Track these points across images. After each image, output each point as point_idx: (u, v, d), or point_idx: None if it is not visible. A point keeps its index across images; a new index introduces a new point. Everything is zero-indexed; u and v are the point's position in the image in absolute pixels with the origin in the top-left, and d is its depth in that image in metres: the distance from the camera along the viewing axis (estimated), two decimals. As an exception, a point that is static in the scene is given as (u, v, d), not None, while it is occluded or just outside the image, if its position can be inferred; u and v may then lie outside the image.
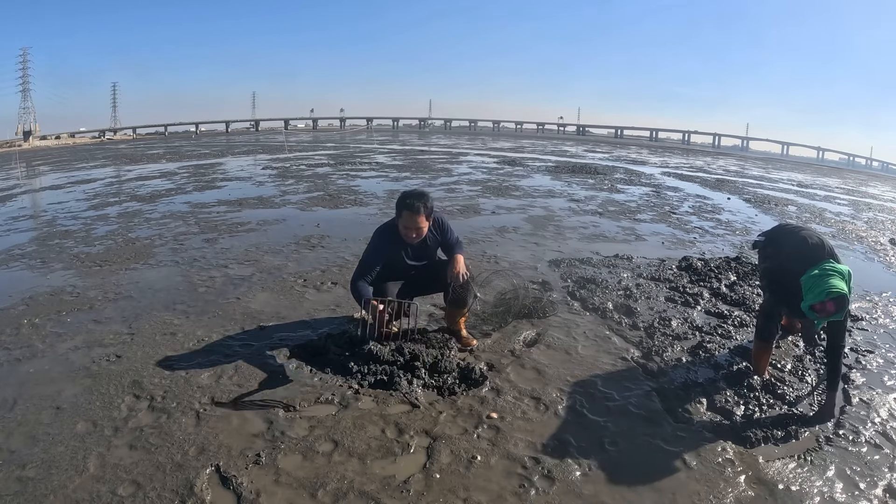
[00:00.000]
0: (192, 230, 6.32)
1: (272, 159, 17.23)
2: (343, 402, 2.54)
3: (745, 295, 4.15)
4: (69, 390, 2.63)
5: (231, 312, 3.65)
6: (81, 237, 6.08)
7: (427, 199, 2.90)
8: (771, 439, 2.35)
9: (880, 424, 2.53)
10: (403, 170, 13.74)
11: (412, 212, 2.84)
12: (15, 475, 2.01)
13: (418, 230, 2.89)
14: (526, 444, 2.26)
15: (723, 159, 28.55)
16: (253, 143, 30.37)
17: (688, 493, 2.00)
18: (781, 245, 2.85)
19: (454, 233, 3.12)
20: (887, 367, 3.13)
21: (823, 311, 2.39)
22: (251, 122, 62.11)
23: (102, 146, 35.60)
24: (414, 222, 2.86)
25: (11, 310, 3.75)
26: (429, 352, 2.92)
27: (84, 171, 15.11)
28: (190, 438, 2.24)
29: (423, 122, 67.29)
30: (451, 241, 3.08)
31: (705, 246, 6.06)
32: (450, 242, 3.09)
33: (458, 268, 2.95)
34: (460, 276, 2.94)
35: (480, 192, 9.83)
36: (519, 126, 66.24)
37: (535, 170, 14.64)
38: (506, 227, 6.68)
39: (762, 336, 2.83)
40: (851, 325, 3.74)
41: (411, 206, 2.84)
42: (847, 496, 2.03)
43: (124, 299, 3.94)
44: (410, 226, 2.87)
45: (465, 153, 21.20)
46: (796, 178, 18.77)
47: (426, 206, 2.87)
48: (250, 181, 11.27)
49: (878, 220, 9.44)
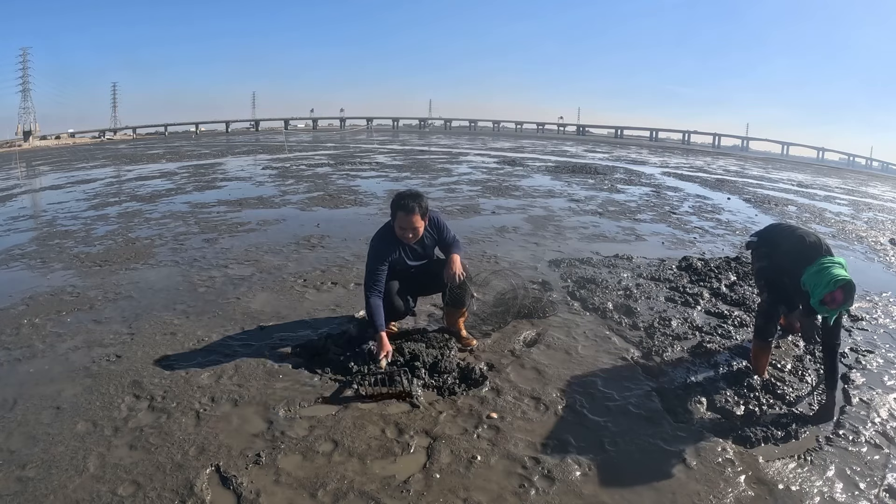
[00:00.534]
0: (193, 230, 6.32)
1: (272, 159, 17.23)
2: (343, 401, 2.54)
3: (745, 295, 4.15)
4: (69, 390, 2.63)
5: (231, 312, 3.65)
6: (81, 237, 6.08)
7: (421, 199, 2.88)
8: (771, 439, 2.35)
9: (880, 424, 2.53)
10: (403, 170, 13.74)
11: (407, 212, 2.83)
12: (15, 475, 2.01)
13: (414, 230, 2.88)
14: (526, 444, 2.26)
15: (723, 159, 28.55)
16: (253, 143, 30.37)
17: (688, 493, 2.00)
18: (778, 244, 2.85)
19: (451, 231, 3.10)
20: (887, 367, 3.13)
21: (834, 302, 2.40)
22: (251, 122, 62.15)
23: (102, 146, 35.60)
24: (409, 222, 2.85)
25: (11, 310, 3.75)
26: (429, 352, 2.92)
27: (84, 171, 15.11)
28: (190, 438, 2.24)
29: (423, 122, 67.31)
30: (448, 240, 3.08)
31: (705, 246, 6.06)
32: (447, 241, 3.08)
33: (453, 268, 2.94)
34: (456, 277, 2.93)
35: (480, 192, 9.83)
36: (519, 126, 66.25)
37: (535, 170, 14.64)
38: (506, 227, 6.68)
39: (761, 336, 2.84)
40: (851, 325, 3.75)
41: (406, 206, 2.83)
42: (847, 496, 2.03)
43: (124, 299, 3.94)
44: (406, 226, 2.87)
45: (465, 153, 21.20)
46: (796, 178, 18.77)
47: (421, 206, 2.85)
48: (250, 181, 11.27)
49: (879, 220, 9.44)
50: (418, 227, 2.89)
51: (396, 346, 2.94)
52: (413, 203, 2.83)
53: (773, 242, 2.89)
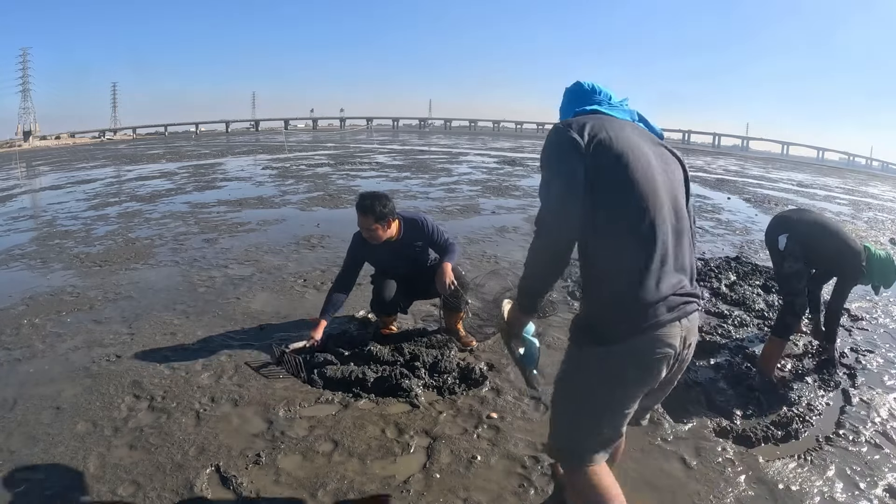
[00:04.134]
0: (192, 230, 6.32)
1: (272, 159, 17.23)
2: (343, 401, 2.54)
3: (745, 295, 4.15)
4: (69, 390, 2.63)
5: (231, 312, 3.65)
6: (81, 237, 6.08)
7: (377, 202, 2.78)
8: (771, 439, 2.35)
9: (880, 424, 2.53)
10: (403, 170, 13.74)
11: (360, 212, 2.80)
12: (15, 475, 2.01)
13: (369, 232, 2.82)
14: (526, 444, 2.26)
15: (723, 159, 28.55)
16: (253, 143, 30.36)
17: (688, 493, 2.00)
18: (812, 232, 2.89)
19: (444, 234, 3.02)
20: (887, 367, 3.13)
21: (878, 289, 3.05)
22: (251, 122, 62.14)
23: (102, 146, 35.59)
24: (364, 223, 2.80)
25: (11, 310, 3.75)
26: (429, 352, 2.92)
27: (84, 171, 15.11)
28: (190, 438, 2.24)
29: (423, 122, 67.27)
30: (441, 244, 3.00)
31: (705, 246, 6.06)
32: (439, 245, 3.00)
33: (443, 278, 2.86)
34: (447, 287, 2.87)
35: (480, 191, 9.83)
36: (519, 126, 66.19)
37: (535, 169, 14.62)
38: (506, 226, 6.68)
39: (786, 335, 2.86)
40: (851, 325, 3.75)
41: (360, 205, 2.80)
42: (847, 496, 2.03)
43: (124, 299, 3.94)
44: (363, 226, 2.83)
45: (465, 153, 21.19)
46: (796, 178, 18.77)
47: (374, 211, 2.76)
48: (250, 181, 11.26)
49: (879, 219, 9.44)
50: (373, 230, 2.81)
51: (396, 346, 2.94)
52: (367, 202, 2.77)
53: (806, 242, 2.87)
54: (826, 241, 2.89)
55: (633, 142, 1.33)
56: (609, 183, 1.27)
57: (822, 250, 2.89)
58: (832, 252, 2.89)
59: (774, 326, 2.93)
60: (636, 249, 1.27)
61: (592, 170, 1.26)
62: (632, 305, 1.26)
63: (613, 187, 1.27)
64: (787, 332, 2.86)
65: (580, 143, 1.27)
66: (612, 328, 1.29)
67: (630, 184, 1.27)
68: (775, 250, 2.91)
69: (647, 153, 1.34)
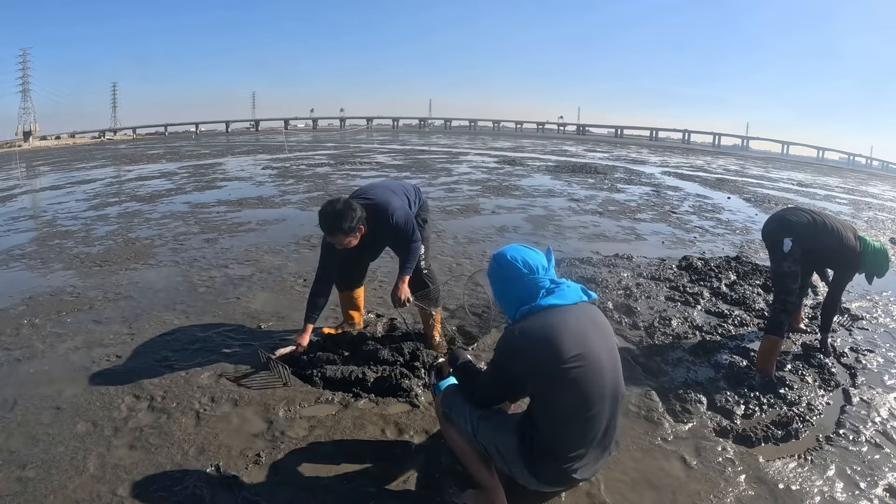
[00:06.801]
0: (193, 230, 6.32)
1: (272, 159, 17.23)
2: (343, 401, 2.54)
3: (746, 294, 4.15)
4: (69, 390, 2.63)
5: (231, 312, 3.65)
6: (81, 237, 6.08)
7: (342, 220, 2.55)
8: (771, 439, 2.35)
9: (880, 424, 2.53)
10: (403, 169, 13.73)
11: (328, 234, 2.64)
12: (15, 475, 2.01)
13: (342, 244, 2.67)
14: (526, 444, 2.25)
15: (723, 159, 28.55)
16: (253, 143, 30.36)
17: (688, 493, 2.00)
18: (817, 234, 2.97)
19: (411, 236, 2.76)
20: (887, 367, 3.13)
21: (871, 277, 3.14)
22: (251, 122, 62.16)
23: (102, 146, 35.59)
24: (336, 241, 2.65)
25: (11, 310, 3.75)
26: (429, 352, 2.92)
27: (84, 171, 15.11)
28: (190, 438, 2.24)
29: (423, 122, 67.29)
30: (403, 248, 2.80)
31: (705, 245, 6.06)
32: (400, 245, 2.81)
33: (398, 293, 2.77)
34: (401, 303, 2.78)
35: (480, 191, 9.82)
36: (519, 126, 66.24)
37: (535, 169, 14.63)
38: (506, 226, 6.68)
39: (780, 332, 2.91)
40: (851, 325, 3.75)
41: (327, 228, 2.60)
42: (847, 496, 2.03)
43: (124, 299, 3.94)
44: (334, 244, 2.67)
45: (465, 153, 21.19)
46: (796, 178, 18.77)
47: (342, 229, 2.56)
48: (250, 181, 11.26)
49: (879, 219, 9.44)
50: (346, 244, 2.65)
51: (396, 346, 2.94)
52: (333, 225, 2.57)
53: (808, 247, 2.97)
54: (826, 242, 2.98)
55: (586, 348, 1.58)
56: (562, 408, 1.60)
57: (823, 251, 3.03)
58: (832, 252, 3.02)
59: (768, 325, 3.01)
60: (576, 436, 1.64)
61: (550, 389, 1.59)
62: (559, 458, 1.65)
63: (567, 410, 1.60)
64: (780, 330, 2.92)
65: (534, 364, 1.59)
66: None
67: (584, 405, 1.60)
68: (778, 250, 2.98)
69: (598, 355, 1.60)
